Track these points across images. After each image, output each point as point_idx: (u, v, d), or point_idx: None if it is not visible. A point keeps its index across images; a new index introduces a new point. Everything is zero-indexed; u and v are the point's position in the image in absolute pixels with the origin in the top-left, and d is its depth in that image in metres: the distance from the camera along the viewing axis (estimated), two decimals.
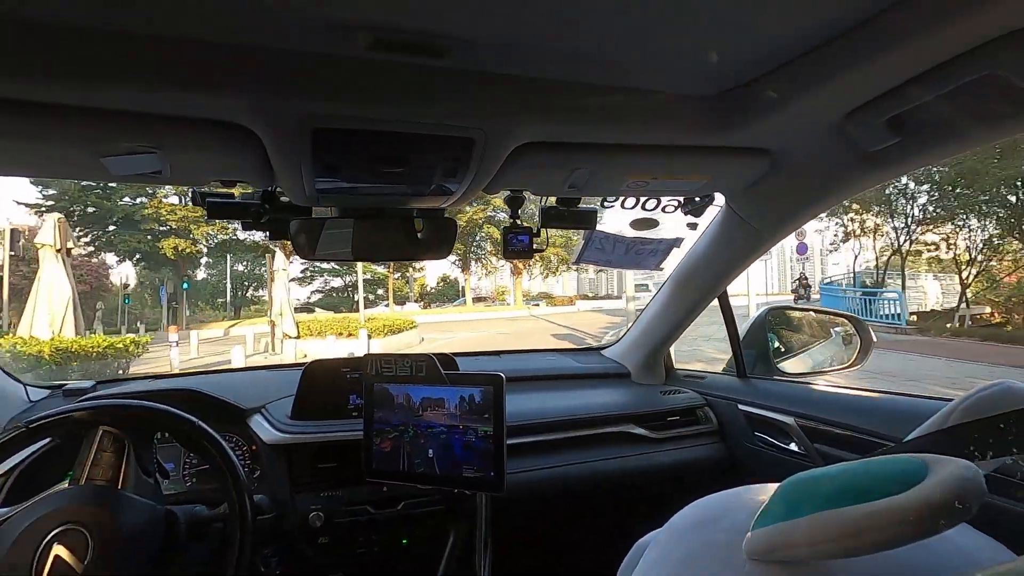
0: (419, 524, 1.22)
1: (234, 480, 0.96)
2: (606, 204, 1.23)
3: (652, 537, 0.62)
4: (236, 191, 1.02)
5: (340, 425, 1.25)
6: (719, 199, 1.19)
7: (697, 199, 1.17)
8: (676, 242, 1.38)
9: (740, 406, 1.47)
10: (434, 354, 1.11)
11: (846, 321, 1.68)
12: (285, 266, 10.53)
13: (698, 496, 0.61)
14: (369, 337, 10.79)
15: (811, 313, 2.08)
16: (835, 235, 16.31)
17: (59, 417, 0.89)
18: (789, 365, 1.64)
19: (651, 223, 1.31)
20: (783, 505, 0.44)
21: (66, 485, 0.88)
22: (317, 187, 0.88)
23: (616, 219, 1.37)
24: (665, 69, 0.71)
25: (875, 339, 1.53)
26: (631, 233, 1.35)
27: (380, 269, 30.41)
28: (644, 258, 1.38)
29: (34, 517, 0.82)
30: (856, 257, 16.65)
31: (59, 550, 0.80)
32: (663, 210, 1.23)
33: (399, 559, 1.22)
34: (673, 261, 1.46)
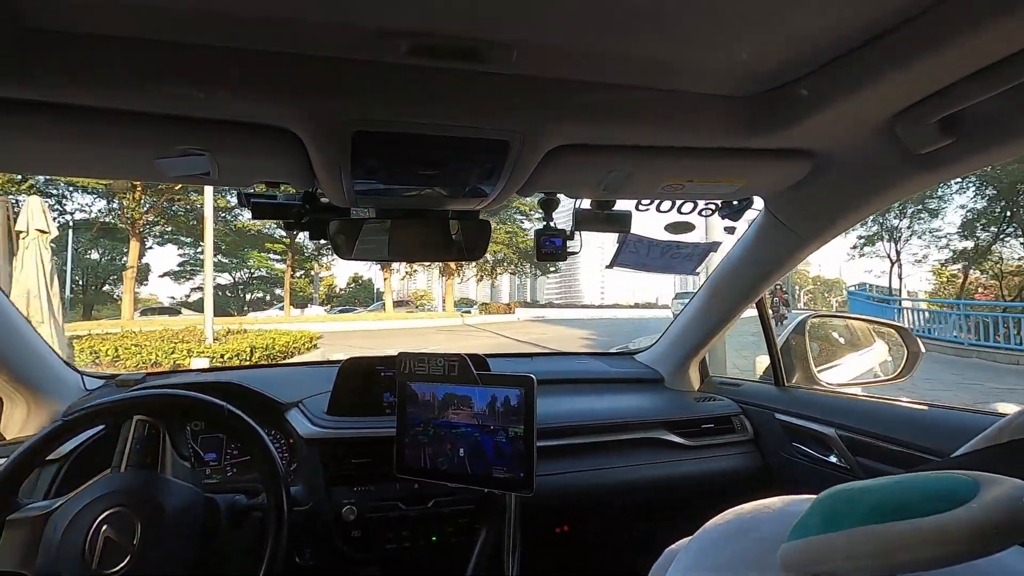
0: (449, 522, 1.23)
1: (272, 471, 0.99)
2: (641, 207, 1.22)
3: (682, 545, 0.62)
4: (279, 192, 1.06)
5: (374, 422, 1.28)
6: (758, 203, 1.17)
7: (735, 202, 1.14)
8: (713, 246, 1.35)
9: (777, 415, 1.44)
10: (466, 354, 1.12)
11: (893, 331, 1.61)
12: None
13: (731, 505, 0.60)
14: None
15: (855, 321, 2.00)
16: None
17: (103, 407, 0.94)
18: (830, 375, 1.58)
19: (687, 227, 1.29)
20: (821, 517, 0.42)
21: (101, 478, 0.92)
22: (356, 189, 0.91)
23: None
24: (703, 70, 0.70)
25: (923, 350, 1.47)
26: (666, 237, 1.33)
27: (279, 265, 26.85)
28: (679, 262, 1.36)
29: (83, 503, 0.86)
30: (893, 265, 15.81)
31: (109, 532, 0.85)
32: (699, 214, 1.21)
33: (428, 556, 1.23)
34: (709, 266, 1.44)
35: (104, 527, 0.85)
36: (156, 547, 0.86)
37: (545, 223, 1.16)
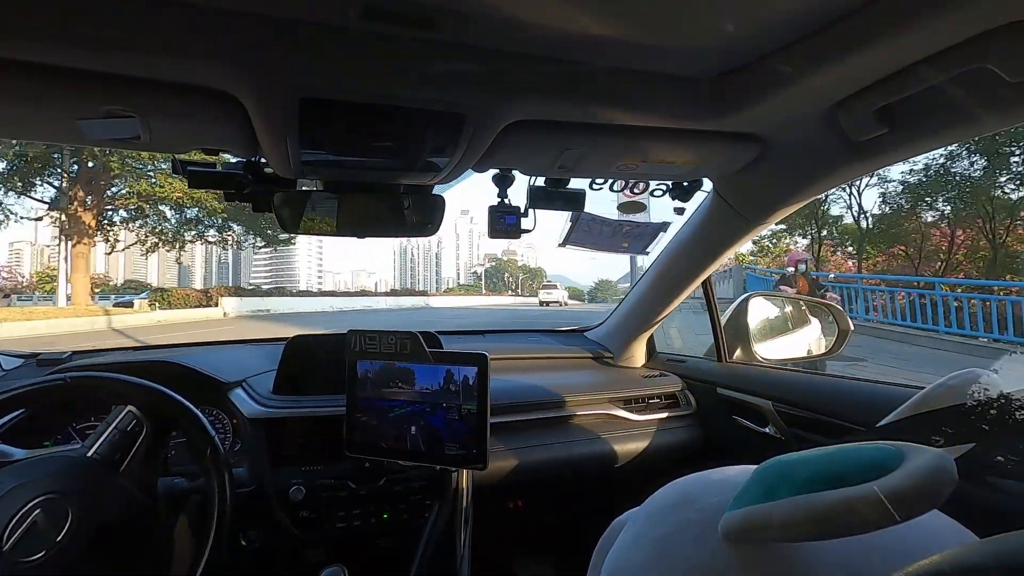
0: (401, 499, 1.23)
1: (212, 452, 0.95)
2: (594, 186, 1.22)
3: (629, 516, 0.63)
4: (218, 160, 1.00)
5: (322, 400, 1.25)
6: (707, 184, 1.20)
7: (685, 184, 1.17)
8: (663, 226, 1.38)
9: (719, 390, 1.50)
10: (419, 332, 1.10)
11: (827, 310, 1.71)
12: None
13: (676, 478, 0.62)
14: None
15: (792, 300, 2.11)
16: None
17: (30, 390, 0.87)
18: (768, 351, 1.67)
19: (639, 207, 1.31)
20: (760, 488, 0.45)
21: (67, 451, 0.86)
22: (303, 159, 0.86)
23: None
24: (659, 50, 0.70)
25: (852, 327, 1.56)
26: (618, 216, 1.35)
27: None
28: (632, 241, 1.39)
29: (26, 478, 0.81)
30: None
31: (39, 517, 0.79)
32: (651, 194, 1.23)
33: (380, 534, 1.23)
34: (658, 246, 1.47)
35: (36, 511, 0.79)
36: (78, 552, 0.80)
37: (500, 199, 1.15)
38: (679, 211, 1.32)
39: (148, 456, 0.93)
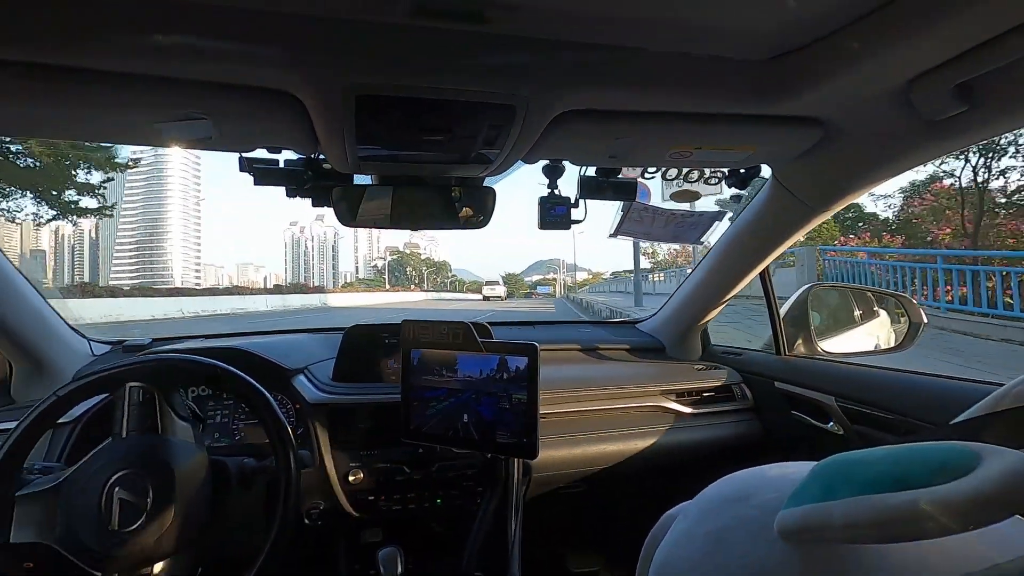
0: (452, 485, 1.26)
1: (279, 433, 1.01)
2: (647, 175, 1.20)
3: (680, 509, 0.62)
4: (281, 158, 1.05)
5: (378, 388, 1.30)
6: (766, 171, 1.15)
7: (742, 171, 1.13)
8: (718, 215, 1.34)
9: (777, 384, 1.45)
10: (470, 322, 1.12)
11: (896, 301, 1.61)
12: None
13: (730, 472, 0.61)
14: None
15: (858, 291, 2.00)
16: None
17: (99, 377, 0.94)
18: (831, 344, 1.59)
19: (692, 195, 1.28)
20: (819, 486, 0.43)
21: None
22: (359, 154, 0.89)
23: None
24: (715, 32, 0.68)
25: (925, 320, 1.47)
26: (672, 206, 1.32)
27: None
28: (684, 231, 1.36)
29: (92, 469, 0.88)
30: None
31: (122, 494, 0.86)
32: (706, 182, 1.20)
33: (433, 517, 1.26)
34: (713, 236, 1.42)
35: (116, 489, 0.86)
36: (169, 504, 0.88)
37: (550, 191, 1.15)
38: (736, 199, 1.28)
39: (175, 412, 0.99)
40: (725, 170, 1.14)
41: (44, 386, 1.28)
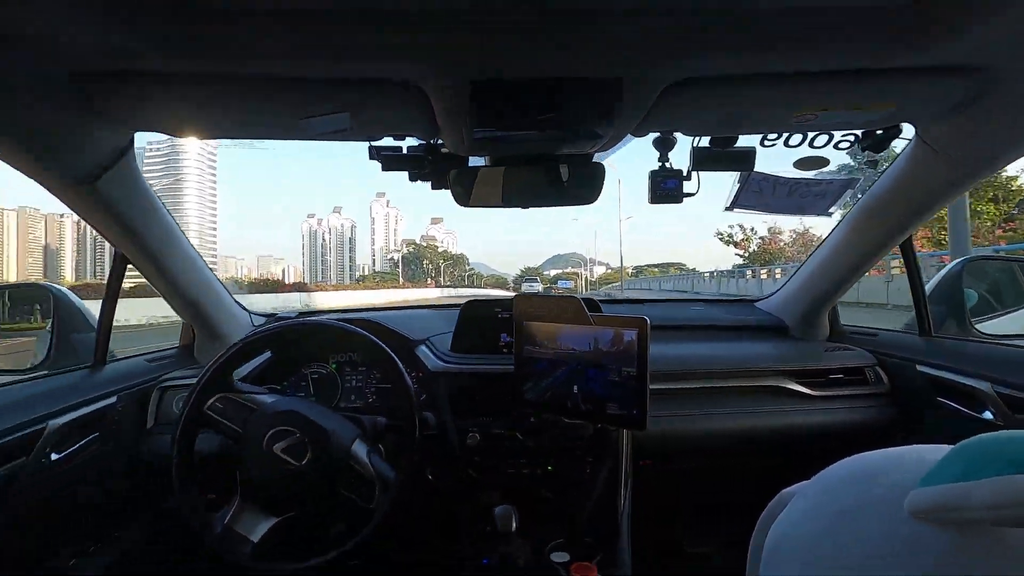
0: (563, 454, 1.31)
1: (407, 396, 1.13)
2: (766, 142, 1.13)
3: (799, 488, 0.60)
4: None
5: (492, 359, 1.37)
6: (907, 131, 1.04)
7: (879, 132, 1.03)
8: (850, 183, 1.23)
9: (920, 367, 1.31)
10: (581, 297, 1.15)
11: None
12: None
13: None
14: None
15: None
16: None
17: (278, 330, 1.15)
18: (992, 325, 1.40)
19: (820, 162, 1.18)
20: (959, 465, 0.40)
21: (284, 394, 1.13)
22: (475, 137, 0.95)
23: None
24: None
25: None
26: (795, 174, 1.23)
27: None
28: (810, 202, 1.26)
29: (268, 414, 1.08)
30: None
31: (281, 447, 1.04)
32: (836, 147, 1.10)
33: (544, 483, 1.32)
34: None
35: (276, 444, 1.05)
36: (319, 463, 1.05)
37: (661, 163, 1.13)
38: (872, 163, 1.16)
39: (356, 397, 1.13)
40: (858, 132, 1.04)
41: (217, 351, 1.53)
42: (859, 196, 1.34)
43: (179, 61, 0.73)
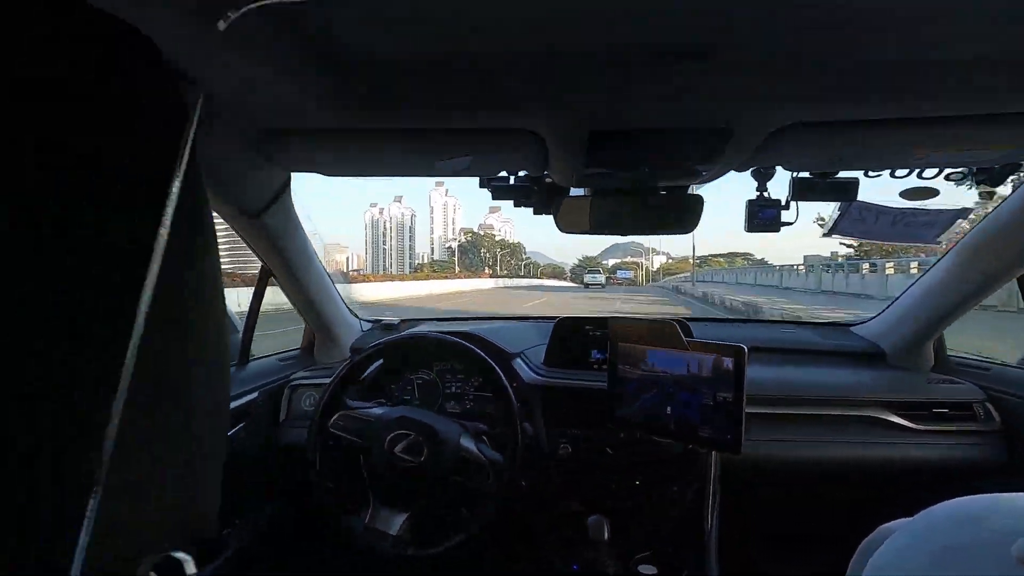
0: (651, 470, 1.36)
1: (509, 407, 1.23)
2: (871, 173, 1.13)
3: (899, 524, 0.61)
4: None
5: (584, 375, 1.45)
6: None
7: (997, 167, 1.01)
8: (962, 213, 1.20)
9: None
10: (675, 321, 1.20)
11: None
12: None
13: (960, 496, 0.59)
14: None
15: None
16: None
17: (394, 340, 1.35)
18: None
19: (929, 193, 1.16)
20: None
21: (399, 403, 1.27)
22: (585, 174, 1.03)
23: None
24: (967, 33, 0.61)
25: None
26: (901, 203, 1.22)
27: None
28: (916, 231, 1.24)
29: (387, 420, 1.22)
30: None
31: (399, 448, 1.18)
32: (946, 178, 1.09)
33: (631, 497, 1.38)
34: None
35: (396, 446, 1.19)
36: (435, 457, 1.18)
37: (759, 193, 1.16)
38: (987, 196, 1.13)
39: (456, 402, 1.25)
40: (974, 167, 1.02)
41: (333, 353, 1.71)
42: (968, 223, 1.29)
43: (341, 115, 0.86)
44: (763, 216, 1.15)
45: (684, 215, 1.17)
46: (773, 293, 20.93)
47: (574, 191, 1.24)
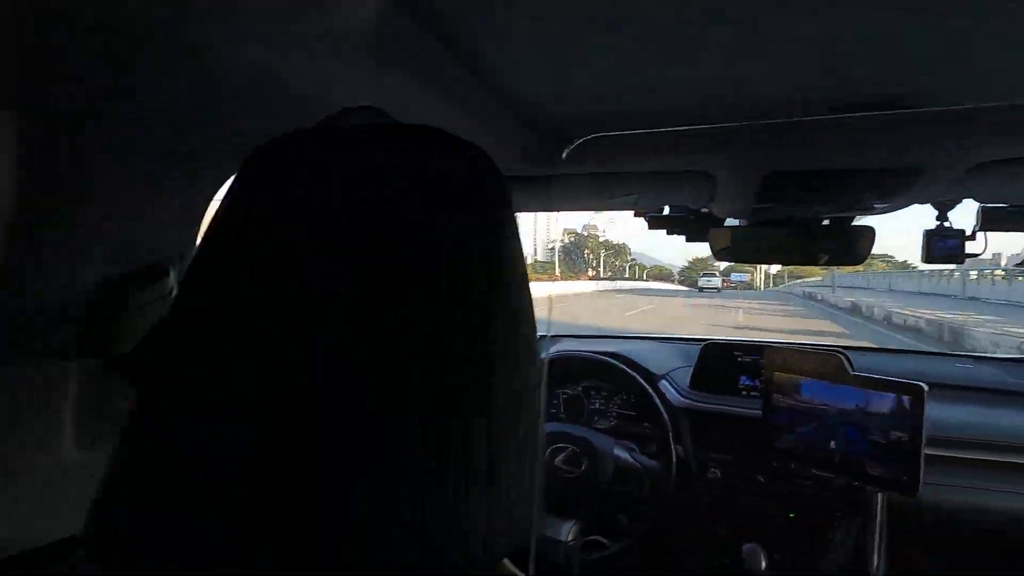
0: (809, 504, 1.32)
1: (663, 430, 1.29)
2: None
3: None
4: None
5: (732, 401, 1.45)
6: None
7: None
8: None
9: None
10: (840, 351, 1.17)
11: None
12: None
13: None
14: None
15: None
16: None
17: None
18: None
19: None
20: None
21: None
22: (752, 209, 1.06)
23: None
24: None
25: None
26: None
27: None
28: None
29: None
30: None
31: (559, 460, 1.28)
32: None
33: (784, 528, 1.35)
34: None
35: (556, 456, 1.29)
36: (593, 468, 1.27)
37: (939, 223, 1.10)
38: None
39: (599, 417, 1.34)
40: None
41: None
42: None
43: (565, 165, 0.96)
44: (944, 246, 1.10)
45: (855, 245, 1.15)
46: (953, 305, 17.71)
47: (730, 220, 1.26)
